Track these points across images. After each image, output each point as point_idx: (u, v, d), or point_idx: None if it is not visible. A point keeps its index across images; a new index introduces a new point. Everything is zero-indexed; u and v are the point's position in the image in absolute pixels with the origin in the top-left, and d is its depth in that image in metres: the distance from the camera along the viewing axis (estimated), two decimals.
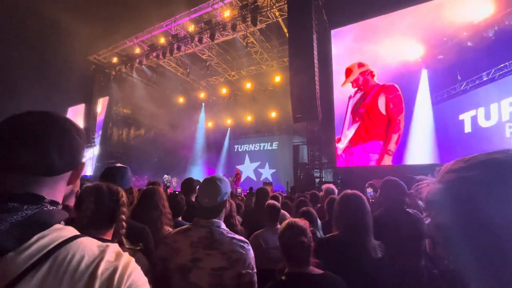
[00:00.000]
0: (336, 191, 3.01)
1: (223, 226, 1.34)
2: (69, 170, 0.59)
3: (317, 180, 9.34)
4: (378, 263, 1.42)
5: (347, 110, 8.55)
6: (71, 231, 0.56)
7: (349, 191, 1.60)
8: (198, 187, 1.49)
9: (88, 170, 14.27)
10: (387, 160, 7.67)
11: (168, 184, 11.48)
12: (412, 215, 2.06)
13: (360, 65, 8.45)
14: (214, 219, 1.33)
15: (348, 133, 8.30)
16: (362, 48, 8.55)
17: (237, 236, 1.31)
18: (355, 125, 8.24)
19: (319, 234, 2.24)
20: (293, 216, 2.52)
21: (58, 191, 0.59)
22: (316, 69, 8.21)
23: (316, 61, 8.29)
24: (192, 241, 1.27)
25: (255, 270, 1.28)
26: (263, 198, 2.98)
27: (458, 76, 6.91)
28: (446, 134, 7.04)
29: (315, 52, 8.34)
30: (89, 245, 0.53)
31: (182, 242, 1.29)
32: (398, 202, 2.05)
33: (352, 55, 8.77)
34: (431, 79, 7.35)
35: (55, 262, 0.49)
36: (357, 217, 1.48)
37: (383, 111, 7.84)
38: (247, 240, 1.32)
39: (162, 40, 11.64)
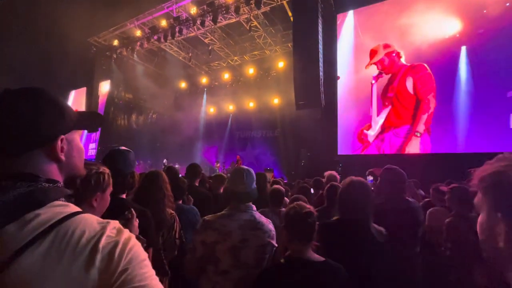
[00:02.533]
0: (338, 178, 3.03)
1: (255, 209, 1.55)
2: (31, 147, 0.58)
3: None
4: (376, 247, 1.45)
5: (372, 94, 8.08)
6: (72, 207, 0.57)
7: (354, 177, 1.63)
8: (229, 174, 1.68)
9: (91, 153, 14.42)
10: (415, 143, 7.25)
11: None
12: (411, 202, 2.09)
13: (386, 46, 8.01)
14: (250, 204, 1.52)
15: (379, 119, 7.92)
16: (391, 28, 8.00)
17: (266, 218, 1.55)
18: (386, 110, 7.82)
19: None
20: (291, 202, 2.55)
21: (46, 168, 0.59)
22: (321, 55, 8.05)
23: (320, 46, 8.11)
24: (240, 224, 1.44)
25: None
26: (263, 183, 3.02)
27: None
28: (492, 114, 6.50)
29: (320, 37, 8.15)
30: (90, 221, 0.55)
31: (231, 226, 1.44)
32: (398, 189, 2.07)
33: (379, 35, 8.20)
34: (472, 56, 6.83)
35: (57, 236, 0.50)
36: (358, 203, 1.51)
37: (412, 92, 7.45)
38: (271, 221, 1.56)
39: (163, 23, 11.36)
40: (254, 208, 1.54)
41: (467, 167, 0.75)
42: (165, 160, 12.82)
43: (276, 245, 1.49)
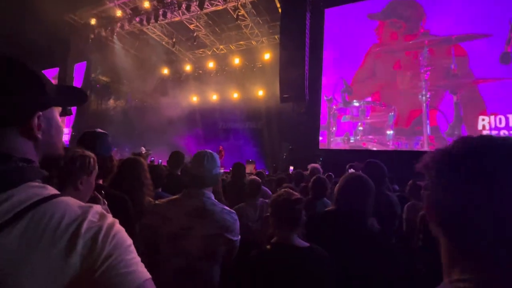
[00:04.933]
0: (322, 170, 3.08)
1: (213, 197, 1.41)
2: (4, 124, 0.52)
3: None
4: (371, 239, 1.46)
5: None
6: (50, 189, 0.52)
7: (357, 173, 1.63)
8: (192, 158, 1.52)
9: (65, 138, 13.65)
10: None
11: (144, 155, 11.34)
12: (390, 196, 2.16)
13: None
14: (204, 190, 1.39)
15: None
16: None
17: (226, 207, 1.42)
18: None
19: None
20: (273, 193, 2.56)
21: (21, 147, 0.53)
22: (307, 49, 8.07)
23: (307, 40, 8.13)
24: (185, 210, 1.33)
25: (239, 237, 1.40)
26: (239, 172, 3.04)
27: None
28: None
29: (308, 31, 8.15)
30: (70, 205, 0.50)
31: (174, 211, 1.34)
32: (379, 183, 2.13)
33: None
34: None
35: (32, 220, 0.45)
36: (355, 195, 1.50)
37: None
38: (234, 211, 1.42)
39: (146, 4, 10.82)
40: (210, 195, 1.41)
41: None
42: (142, 148, 12.42)
43: (236, 238, 1.37)
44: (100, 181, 1.53)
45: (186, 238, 1.29)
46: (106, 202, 1.04)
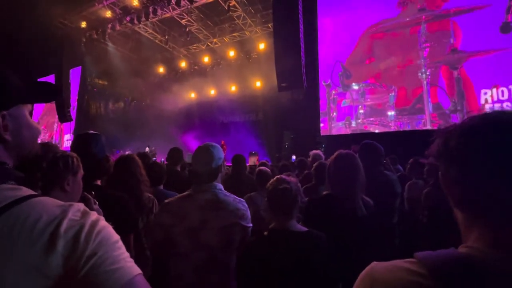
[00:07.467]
0: (323, 156, 3.07)
1: (223, 188, 1.45)
2: None
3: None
4: (363, 220, 1.47)
5: None
6: (25, 191, 0.50)
7: (342, 150, 1.63)
8: (192, 155, 1.54)
9: (67, 144, 13.75)
10: None
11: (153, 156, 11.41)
12: (388, 175, 2.14)
13: None
14: (214, 183, 1.41)
15: None
16: None
17: (236, 197, 1.46)
18: None
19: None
20: None
21: None
22: (302, 35, 7.92)
23: (301, 26, 7.97)
24: (199, 205, 1.35)
25: (251, 225, 1.44)
26: (239, 164, 3.04)
27: None
28: None
29: (301, 17, 7.99)
30: (47, 205, 0.48)
31: (188, 207, 1.36)
32: (375, 163, 2.12)
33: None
34: None
35: (6, 223, 0.43)
36: (347, 175, 1.51)
37: None
38: (243, 200, 1.47)
39: (135, 2, 10.65)
40: (220, 187, 1.44)
41: None
42: (147, 148, 12.47)
43: (250, 225, 1.41)
44: (98, 182, 1.53)
45: (203, 232, 1.32)
46: (97, 202, 1.03)
